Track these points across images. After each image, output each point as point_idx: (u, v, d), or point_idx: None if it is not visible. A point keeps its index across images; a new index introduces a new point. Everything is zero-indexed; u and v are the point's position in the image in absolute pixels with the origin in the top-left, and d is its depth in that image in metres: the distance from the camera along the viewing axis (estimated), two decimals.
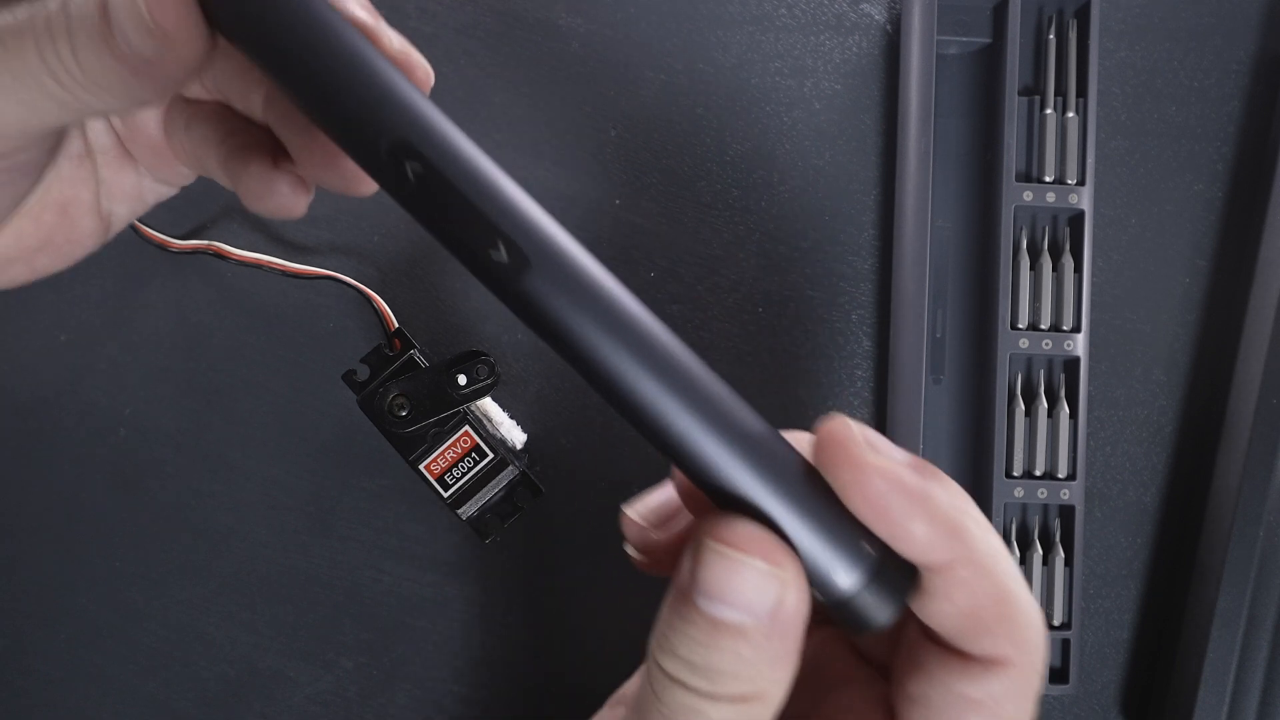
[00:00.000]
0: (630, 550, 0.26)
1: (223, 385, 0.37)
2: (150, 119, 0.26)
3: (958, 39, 0.37)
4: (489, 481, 0.35)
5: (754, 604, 0.20)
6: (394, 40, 0.21)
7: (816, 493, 0.19)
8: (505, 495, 0.35)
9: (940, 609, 0.20)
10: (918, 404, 0.36)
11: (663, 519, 0.25)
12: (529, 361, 0.37)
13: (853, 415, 0.38)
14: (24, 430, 0.37)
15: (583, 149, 0.37)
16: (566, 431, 0.37)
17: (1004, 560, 0.21)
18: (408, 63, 0.21)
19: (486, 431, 0.35)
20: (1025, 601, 0.21)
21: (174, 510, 0.37)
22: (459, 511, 0.35)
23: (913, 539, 0.20)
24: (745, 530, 0.20)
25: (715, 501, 0.20)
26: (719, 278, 0.38)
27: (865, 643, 0.24)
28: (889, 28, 0.38)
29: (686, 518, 0.24)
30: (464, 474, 0.35)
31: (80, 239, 0.27)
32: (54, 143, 0.25)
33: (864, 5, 0.38)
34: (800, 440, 0.21)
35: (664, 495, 0.25)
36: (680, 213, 0.38)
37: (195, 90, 0.26)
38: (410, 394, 0.34)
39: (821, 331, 0.38)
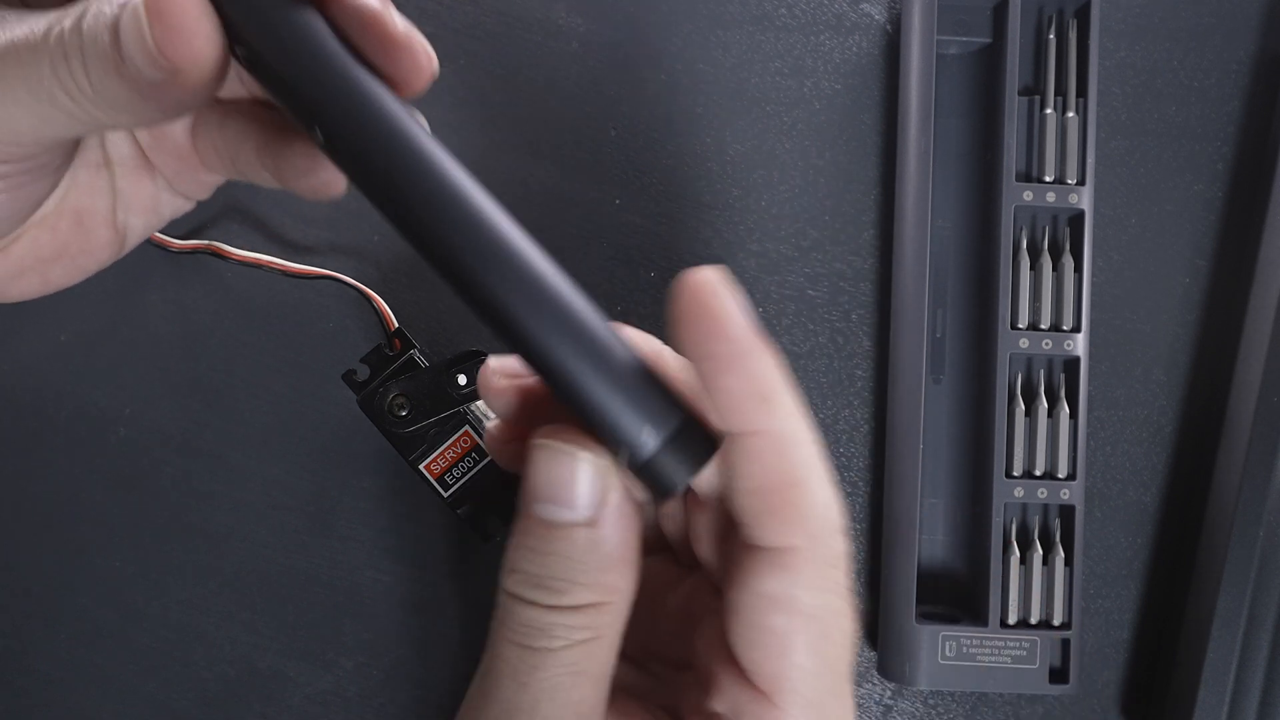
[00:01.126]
0: (488, 431, 0.26)
1: (223, 385, 0.37)
2: (177, 126, 0.26)
3: (958, 39, 0.37)
4: (489, 481, 0.35)
5: (579, 497, 0.21)
6: (398, 23, 0.21)
7: (625, 357, 0.20)
8: (505, 495, 0.35)
9: (738, 485, 0.21)
10: (918, 404, 0.36)
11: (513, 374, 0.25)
12: None
13: (853, 415, 0.38)
14: (24, 430, 0.37)
15: (583, 149, 0.37)
16: None
17: (805, 445, 0.21)
18: (409, 45, 0.22)
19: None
20: (818, 489, 0.21)
21: (174, 510, 0.37)
22: (459, 511, 0.35)
23: (723, 391, 0.20)
24: (570, 429, 0.21)
25: (528, 364, 0.21)
26: None
27: (709, 566, 0.25)
28: (889, 28, 0.38)
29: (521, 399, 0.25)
30: (464, 474, 0.35)
31: (94, 250, 0.27)
32: (71, 148, 0.25)
33: (864, 5, 0.38)
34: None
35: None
36: (680, 212, 0.38)
37: (233, 89, 0.26)
38: (410, 394, 0.34)
39: (821, 331, 0.38)
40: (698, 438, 0.20)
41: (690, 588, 0.26)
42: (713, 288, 0.20)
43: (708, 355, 0.20)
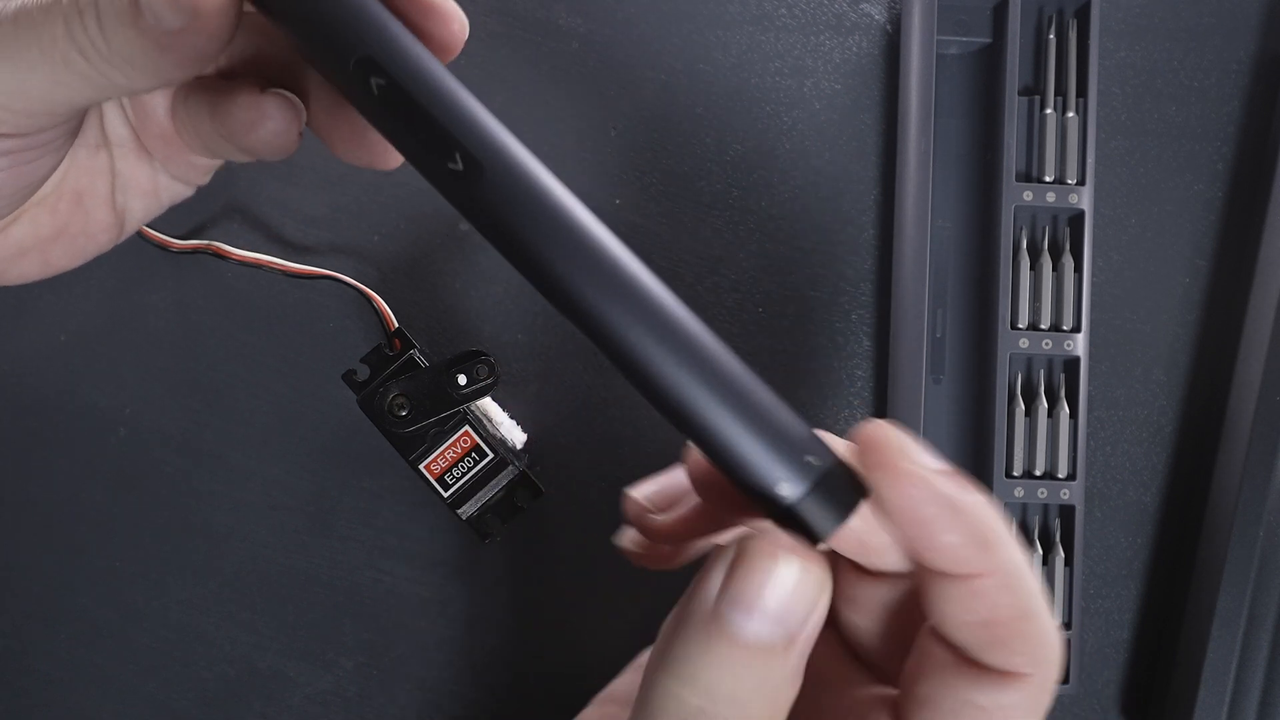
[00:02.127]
0: (626, 542, 0.25)
1: (223, 385, 0.37)
2: (160, 107, 0.26)
3: (958, 39, 0.37)
4: (489, 481, 0.35)
5: (790, 614, 0.19)
6: None
7: (764, 397, 0.19)
8: (505, 495, 0.35)
9: (961, 618, 0.20)
10: (918, 404, 0.36)
11: (668, 503, 0.24)
12: (529, 361, 0.37)
13: (853, 415, 0.38)
14: (24, 430, 0.37)
15: (583, 149, 0.37)
16: (566, 431, 0.37)
17: (1029, 577, 0.20)
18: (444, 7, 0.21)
19: (486, 431, 0.35)
20: (1045, 619, 0.20)
21: (174, 510, 0.37)
22: (459, 511, 0.35)
23: (943, 549, 0.20)
24: (784, 536, 0.20)
25: (733, 480, 0.19)
26: (719, 278, 0.38)
27: (864, 644, 0.24)
28: (889, 28, 0.38)
29: (693, 502, 0.24)
30: (464, 474, 0.35)
31: (94, 232, 0.27)
32: (76, 124, 0.25)
33: (864, 5, 0.38)
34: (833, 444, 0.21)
35: (671, 480, 0.25)
36: (680, 213, 0.38)
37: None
38: (410, 394, 0.34)
39: (822, 331, 0.38)
40: (847, 483, 0.19)
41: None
42: (896, 446, 0.19)
43: (919, 521, 0.20)
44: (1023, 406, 0.37)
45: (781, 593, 0.19)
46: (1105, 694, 0.39)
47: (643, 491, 0.25)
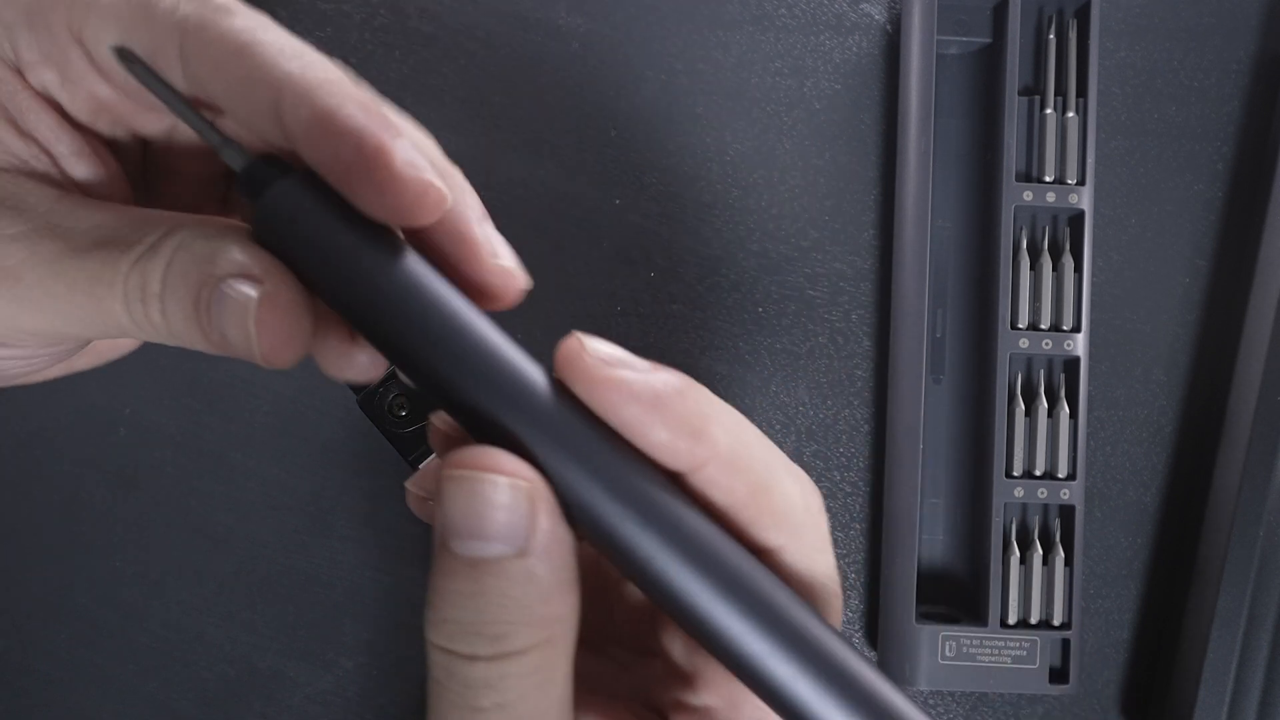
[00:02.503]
0: (410, 486, 0.25)
1: (223, 385, 0.37)
2: None
3: (958, 39, 0.37)
4: None
5: (506, 528, 0.19)
6: (497, 255, 0.22)
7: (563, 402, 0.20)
8: None
9: (711, 507, 0.20)
10: (918, 404, 0.36)
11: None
12: None
13: (853, 415, 0.38)
14: (24, 430, 0.37)
15: (583, 149, 0.37)
16: None
17: (751, 446, 0.21)
18: (502, 280, 0.22)
19: None
20: (781, 483, 0.21)
21: (174, 510, 0.37)
22: None
23: (657, 447, 0.20)
24: (483, 451, 0.19)
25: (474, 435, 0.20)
26: (719, 277, 0.38)
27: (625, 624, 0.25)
28: (889, 28, 0.38)
29: None
30: None
31: (122, 345, 0.28)
32: None
33: (864, 5, 0.38)
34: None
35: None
36: (680, 212, 0.38)
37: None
38: (410, 394, 0.34)
39: (821, 331, 0.38)
40: None
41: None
42: (588, 356, 0.20)
43: (624, 423, 0.20)
44: (1023, 406, 0.37)
45: (487, 509, 0.19)
46: (1105, 694, 0.39)
47: (416, 482, 0.25)
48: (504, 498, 0.19)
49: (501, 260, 0.23)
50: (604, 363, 0.20)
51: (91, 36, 0.22)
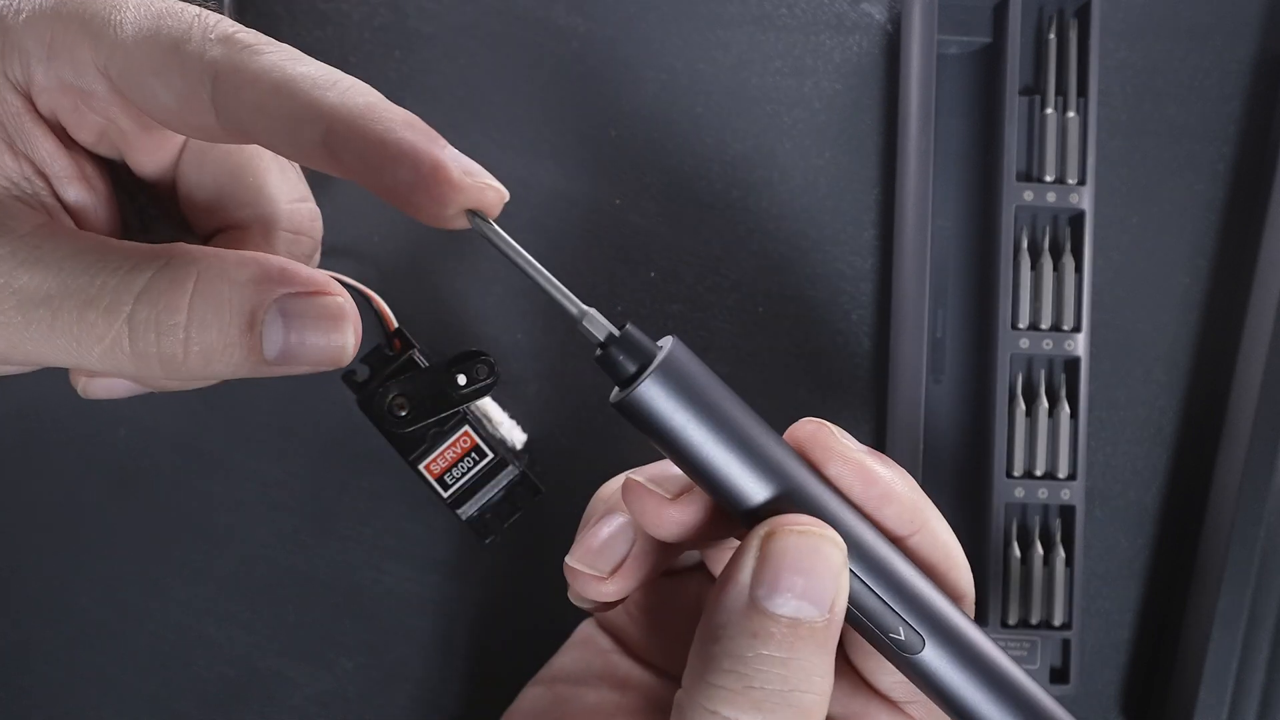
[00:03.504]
0: (585, 566, 0.26)
1: (223, 385, 0.37)
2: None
3: (958, 39, 0.37)
4: (489, 481, 0.35)
5: (827, 593, 0.21)
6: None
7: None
8: (505, 495, 0.35)
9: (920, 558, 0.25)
10: (918, 404, 0.36)
11: (612, 563, 0.25)
12: (529, 361, 0.37)
13: (853, 415, 0.38)
14: (24, 430, 0.37)
15: (583, 149, 0.37)
16: (566, 431, 0.37)
17: (946, 530, 0.25)
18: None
19: (486, 431, 0.35)
20: (960, 556, 0.25)
21: (174, 510, 0.37)
22: (459, 511, 0.35)
23: (888, 518, 0.24)
24: (811, 518, 0.21)
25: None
26: (719, 277, 0.38)
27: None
28: (889, 27, 0.38)
29: (639, 555, 0.25)
30: (464, 474, 0.35)
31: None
32: None
33: (864, 5, 0.38)
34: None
35: (607, 535, 0.26)
36: (680, 212, 0.38)
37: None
38: (410, 394, 0.34)
39: (822, 331, 0.38)
40: None
41: None
42: (832, 434, 0.23)
43: (863, 500, 0.23)
44: (1023, 406, 0.37)
45: (819, 566, 0.21)
46: (1105, 694, 0.39)
47: (584, 559, 0.25)
48: (838, 560, 0.21)
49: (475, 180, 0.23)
50: (852, 451, 0.24)
51: (119, 74, 0.22)
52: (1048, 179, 0.37)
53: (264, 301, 0.21)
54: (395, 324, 0.35)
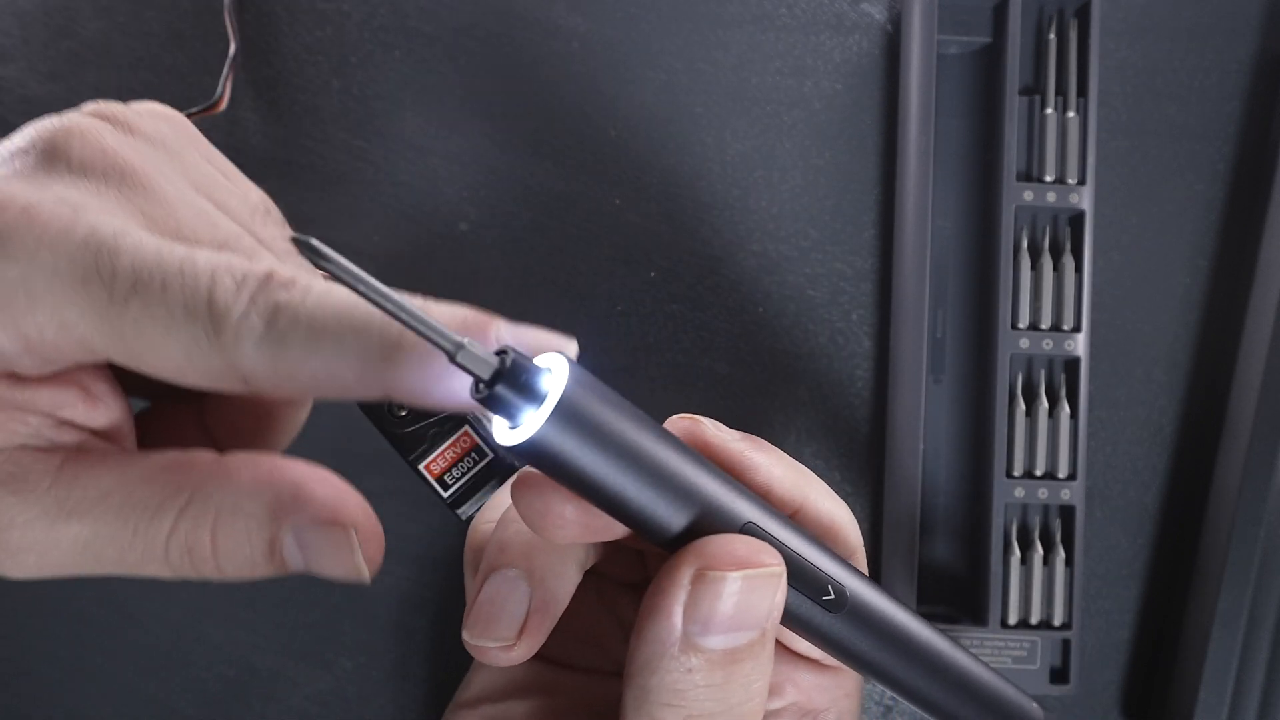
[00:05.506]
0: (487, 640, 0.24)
1: None
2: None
3: (958, 38, 0.37)
4: (489, 481, 0.35)
5: (766, 617, 0.20)
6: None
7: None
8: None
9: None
10: (918, 404, 0.36)
11: (516, 628, 0.24)
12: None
13: (853, 415, 0.38)
14: None
15: (583, 148, 0.37)
16: None
17: (828, 495, 0.26)
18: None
19: (486, 431, 0.35)
20: (846, 514, 0.26)
21: None
22: (459, 511, 0.35)
23: (771, 501, 0.24)
24: (741, 542, 0.21)
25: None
26: (719, 277, 0.38)
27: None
28: (889, 27, 0.38)
29: (543, 615, 0.24)
30: (464, 474, 0.35)
31: None
32: None
33: (864, 5, 0.38)
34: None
35: (500, 599, 0.24)
36: (680, 212, 0.37)
37: None
38: None
39: (822, 331, 0.38)
40: None
41: None
42: (706, 433, 0.24)
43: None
44: (1023, 406, 0.37)
45: (752, 599, 0.20)
46: (1106, 694, 0.39)
47: (484, 633, 0.24)
48: (776, 582, 0.21)
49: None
50: (730, 437, 0.24)
51: (118, 354, 0.21)
52: (1048, 179, 0.37)
53: (279, 533, 0.21)
54: None
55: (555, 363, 0.19)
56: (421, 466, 0.34)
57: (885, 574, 0.37)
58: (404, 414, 0.34)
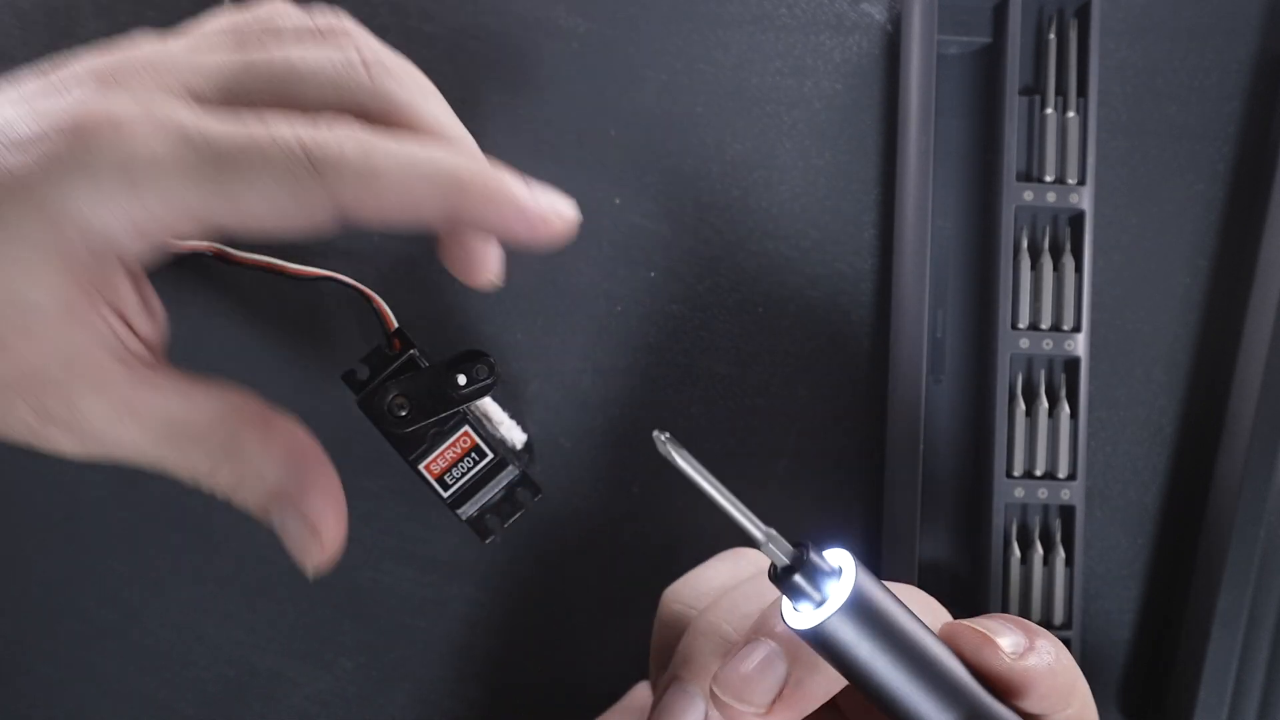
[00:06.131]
0: None
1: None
2: None
3: (958, 39, 0.37)
4: (489, 481, 0.35)
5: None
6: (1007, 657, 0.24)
7: None
8: (505, 495, 0.35)
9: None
10: (918, 404, 0.36)
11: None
12: (529, 361, 0.37)
13: (853, 416, 0.38)
14: None
15: (583, 148, 0.37)
16: (566, 432, 0.37)
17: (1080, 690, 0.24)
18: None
19: (486, 431, 0.35)
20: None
21: (173, 510, 0.37)
22: (459, 511, 0.35)
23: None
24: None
25: None
26: (719, 277, 0.38)
27: None
28: (889, 27, 0.38)
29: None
30: (464, 474, 0.35)
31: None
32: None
33: (864, 5, 0.38)
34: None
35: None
36: (680, 212, 0.38)
37: None
38: (410, 394, 0.34)
39: (822, 331, 0.38)
40: None
41: None
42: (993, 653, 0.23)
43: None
44: (1023, 406, 0.37)
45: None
46: (1105, 694, 0.39)
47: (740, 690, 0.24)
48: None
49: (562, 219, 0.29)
50: (1015, 656, 0.23)
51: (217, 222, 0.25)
52: (1048, 179, 0.37)
53: (273, 506, 0.28)
54: (395, 324, 0.35)
55: (844, 561, 0.22)
56: (421, 466, 0.34)
57: (885, 573, 0.37)
58: (404, 414, 0.34)
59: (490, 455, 0.34)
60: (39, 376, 0.25)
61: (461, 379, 0.34)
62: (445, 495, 0.34)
